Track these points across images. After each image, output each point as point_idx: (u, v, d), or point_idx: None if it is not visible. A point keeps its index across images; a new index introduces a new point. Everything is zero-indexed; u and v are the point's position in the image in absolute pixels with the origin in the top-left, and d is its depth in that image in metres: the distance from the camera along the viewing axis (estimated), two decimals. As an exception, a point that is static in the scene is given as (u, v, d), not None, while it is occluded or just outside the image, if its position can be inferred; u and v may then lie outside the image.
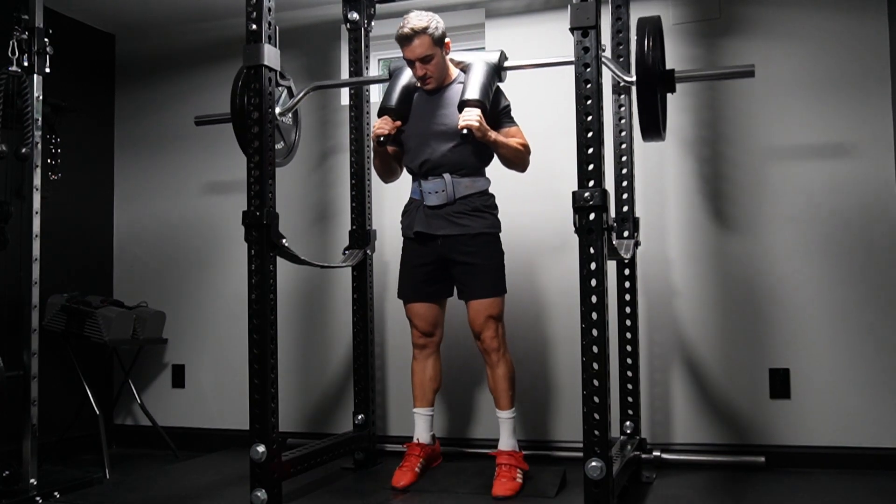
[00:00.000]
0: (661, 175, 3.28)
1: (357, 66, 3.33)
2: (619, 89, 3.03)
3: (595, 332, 2.10)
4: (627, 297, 2.96)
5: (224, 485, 3.01)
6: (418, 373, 2.93)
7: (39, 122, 2.86)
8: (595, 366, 2.10)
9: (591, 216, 2.12)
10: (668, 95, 2.72)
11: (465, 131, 2.63)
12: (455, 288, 2.89)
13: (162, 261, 4.01)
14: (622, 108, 3.02)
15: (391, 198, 3.55)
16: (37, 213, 2.83)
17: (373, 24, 3.39)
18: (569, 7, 2.14)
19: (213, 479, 3.11)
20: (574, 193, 2.13)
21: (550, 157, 3.14)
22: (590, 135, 2.14)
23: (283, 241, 2.60)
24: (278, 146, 3.11)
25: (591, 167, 2.14)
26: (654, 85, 2.52)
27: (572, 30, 2.15)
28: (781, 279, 3.13)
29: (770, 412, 3.11)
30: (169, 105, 4.06)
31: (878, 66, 3.06)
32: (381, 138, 2.77)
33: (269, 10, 2.58)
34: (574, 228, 2.15)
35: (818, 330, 3.07)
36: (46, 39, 2.86)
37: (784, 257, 3.13)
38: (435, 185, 2.79)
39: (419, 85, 2.84)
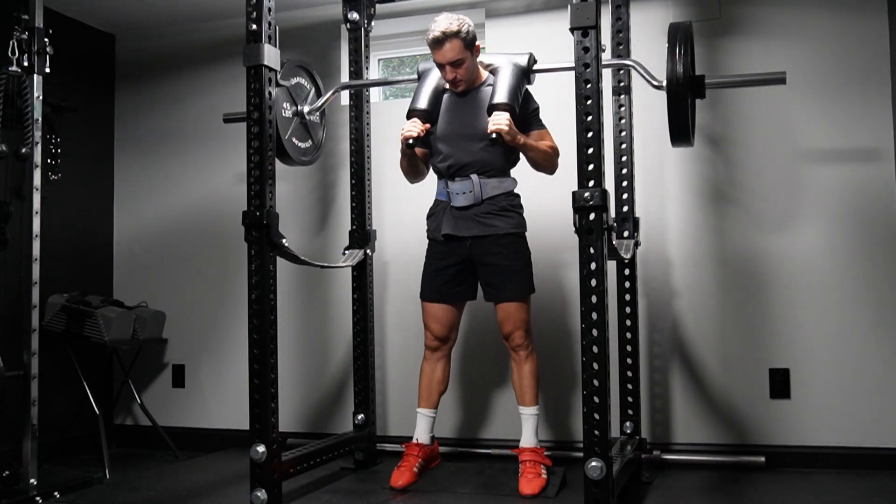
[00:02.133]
0: (661, 175, 3.28)
1: (357, 66, 3.33)
2: (619, 89, 3.03)
3: (595, 332, 2.10)
4: (627, 297, 2.96)
5: (224, 485, 3.01)
6: (427, 374, 2.93)
7: (39, 122, 2.85)
8: (595, 366, 2.10)
9: (591, 216, 2.12)
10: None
11: (494, 135, 2.62)
12: (478, 291, 2.90)
13: (162, 261, 4.01)
14: (622, 108, 3.02)
15: (391, 198, 3.55)
16: (37, 213, 2.83)
17: (373, 24, 3.39)
18: (569, 7, 2.14)
19: (213, 479, 3.11)
20: (574, 193, 2.13)
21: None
22: (590, 135, 2.14)
23: (283, 241, 2.60)
24: (306, 144, 3.11)
25: (591, 167, 2.14)
26: (685, 91, 2.51)
27: (572, 30, 2.15)
28: (781, 279, 3.13)
29: (770, 412, 3.11)
30: (169, 105, 4.06)
31: (878, 65, 3.06)
32: (410, 141, 2.75)
33: (269, 10, 2.58)
34: (574, 228, 2.15)
35: (818, 330, 3.08)
36: (46, 39, 2.86)
37: (784, 257, 3.13)
38: (462, 186, 2.79)
39: (449, 87, 2.84)
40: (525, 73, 2.79)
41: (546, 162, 2.79)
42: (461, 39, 2.68)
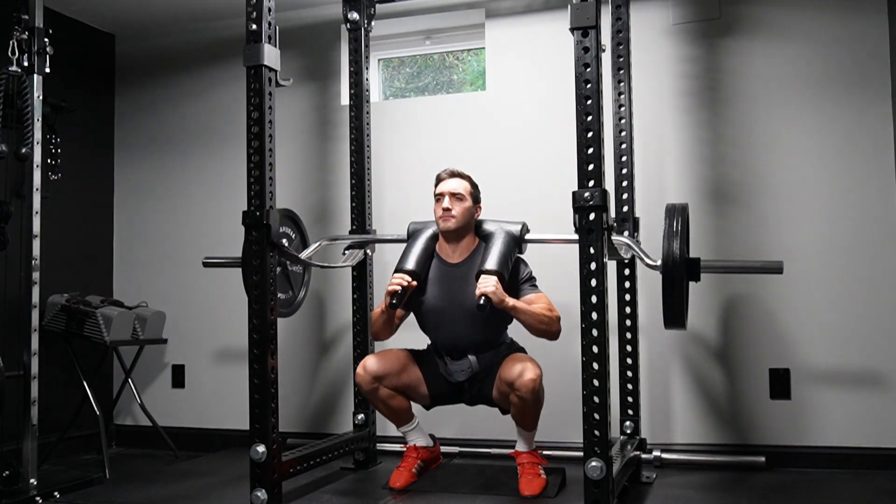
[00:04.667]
0: (661, 175, 3.27)
1: (357, 66, 3.32)
2: (619, 89, 3.03)
3: (595, 332, 2.10)
4: (627, 297, 2.96)
5: (224, 485, 3.00)
6: (381, 407, 2.86)
7: (39, 123, 2.85)
8: (595, 366, 2.10)
9: (591, 216, 2.11)
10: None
11: (482, 300, 2.56)
12: (429, 400, 2.92)
13: (162, 261, 4.01)
14: (622, 108, 3.02)
15: (391, 198, 3.55)
16: (37, 213, 2.83)
17: (373, 24, 3.39)
18: (569, 7, 2.14)
19: (213, 479, 3.11)
20: (574, 193, 2.13)
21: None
22: (590, 135, 2.14)
23: (283, 241, 2.59)
24: (284, 296, 3.01)
25: (591, 167, 2.14)
26: (680, 273, 2.50)
27: (572, 30, 2.14)
28: (782, 279, 3.12)
29: (770, 412, 3.11)
30: (169, 105, 4.06)
31: (878, 65, 3.06)
32: (394, 300, 2.68)
33: (269, 10, 2.58)
34: (574, 228, 2.15)
35: (818, 330, 3.07)
36: (46, 39, 2.86)
37: (784, 257, 3.12)
38: (460, 366, 2.79)
39: (439, 221, 2.78)
40: (517, 242, 2.76)
41: (541, 324, 2.65)
42: (468, 182, 2.80)
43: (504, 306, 2.59)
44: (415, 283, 2.74)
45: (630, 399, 2.95)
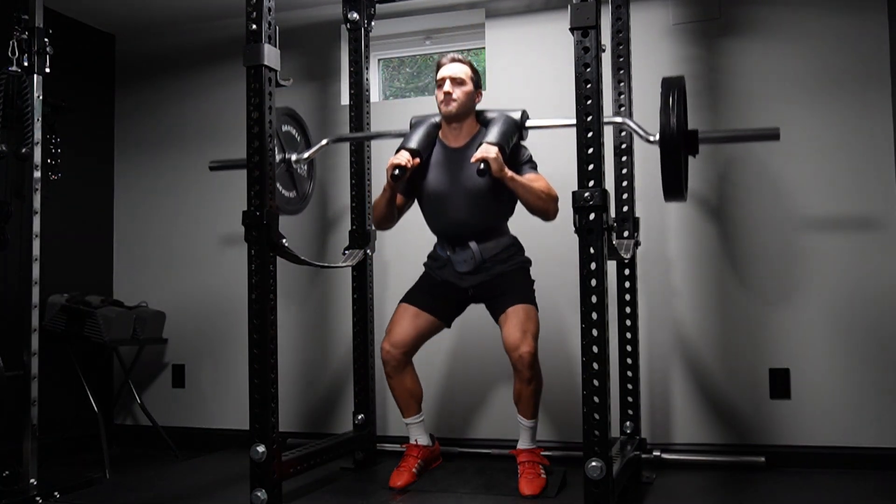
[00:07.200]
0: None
1: (357, 66, 3.33)
2: (619, 89, 3.03)
3: (595, 332, 2.10)
4: (627, 297, 2.96)
5: (224, 485, 3.01)
6: (398, 388, 2.89)
7: (39, 122, 2.85)
8: (595, 366, 2.10)
9: (591, 216, 2.12)
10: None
11: (482, 165, 2.57)
12: (454, 320, 2.93)
13: (162, 261, 4.01)
14: (622, 109, 3.02)
15: (391, 198, 3.55)
16: (37, 213, 2.83)
17: (373, 24, 3.39)
18: (569, 7, 2.14)
19: (213, 479, 3.11)
20: (574, 193, 2.13)
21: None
22: (590, 135, 2.14)
23: (283, 240, 2.59)
24: (291, 194, 3.07)
25: (591, 167, 2.14)
26: (678, 148, 2.52)
27: (572, 30, 2.15)
28: (781, 279, 3.13)
29: (770, 412, 3.11)
30: (169, 105, 4.06)
31: (878, 65, 3.06)
32: (397, 171, 2.67)
33: (269, 10, 2.58)
34: (574, 228, 2.15)
35: (818, 330, 3.07)
36: (46, 39, 2.86)
37: (784, 257, 3.13)
38: (463, 256, 2.79)
39: (440, 107, 2.79)
40: (517, 126, 2.78)
41: (539, 201, 2.69)
42: (470, 68, 2.79)
43: (503, 175, 2.61)
44: (417, 160, 2.76)
45: (630, 399, 2.95)
